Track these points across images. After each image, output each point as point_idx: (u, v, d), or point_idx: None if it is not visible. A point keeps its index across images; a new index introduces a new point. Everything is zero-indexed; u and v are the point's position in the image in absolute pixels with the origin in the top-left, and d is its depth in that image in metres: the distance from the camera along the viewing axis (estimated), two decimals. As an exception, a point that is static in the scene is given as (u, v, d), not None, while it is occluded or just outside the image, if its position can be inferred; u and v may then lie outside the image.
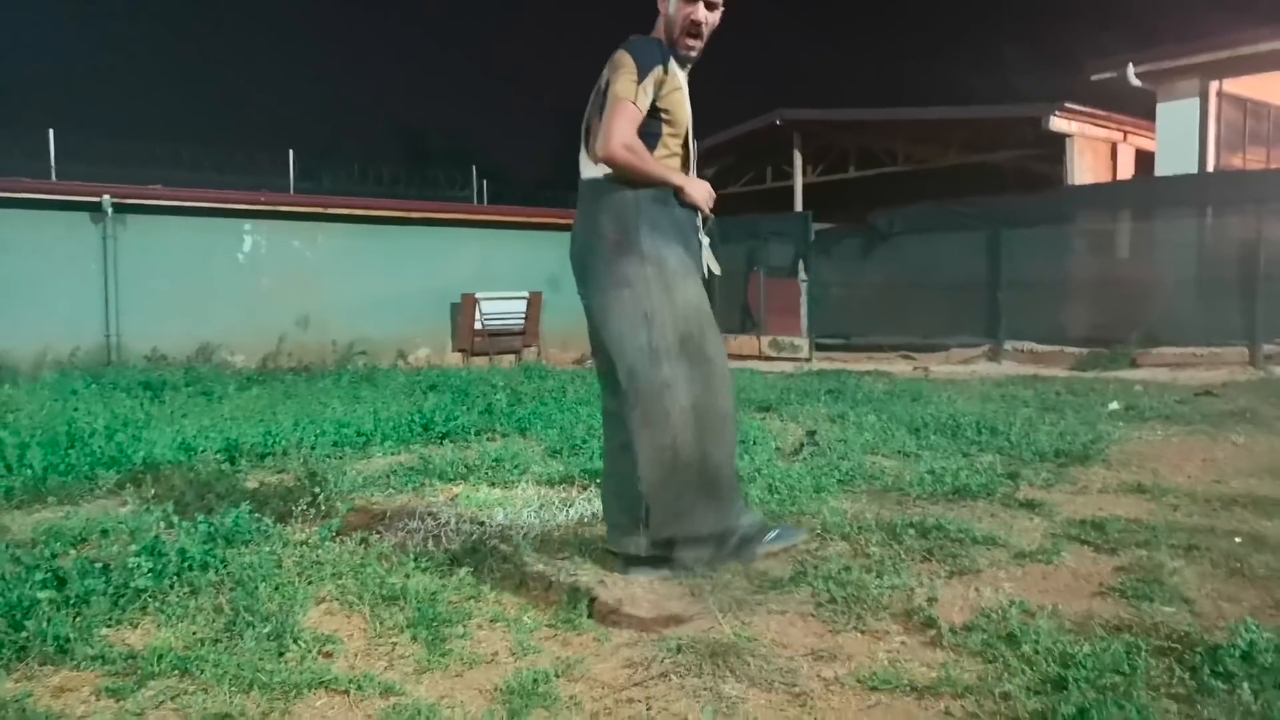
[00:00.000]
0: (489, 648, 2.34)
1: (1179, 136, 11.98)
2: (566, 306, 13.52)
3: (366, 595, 2.66)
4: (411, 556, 3.00)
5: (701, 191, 2.61)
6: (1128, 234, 10.71)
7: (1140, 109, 12.80)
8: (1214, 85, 11.99)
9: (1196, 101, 11.99)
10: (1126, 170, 13.81)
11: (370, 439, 5.39)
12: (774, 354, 12.72)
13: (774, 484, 3.99)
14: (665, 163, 2.59)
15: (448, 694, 2.07)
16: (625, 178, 2.51)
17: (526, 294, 13.55)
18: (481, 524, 3.51)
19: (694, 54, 2.64)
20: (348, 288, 12.37)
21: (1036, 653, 2.16)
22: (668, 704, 2.02)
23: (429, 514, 3.66)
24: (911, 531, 3.26)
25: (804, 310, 12.93)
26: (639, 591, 2.73)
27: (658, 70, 2.51)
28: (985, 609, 2.47)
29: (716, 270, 2.68)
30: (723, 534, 2.45)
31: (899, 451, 4.82)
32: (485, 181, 16.27)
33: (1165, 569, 2.79)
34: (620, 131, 2.45)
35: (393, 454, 5.09)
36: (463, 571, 2.82)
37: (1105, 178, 13.18)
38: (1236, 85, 12.10)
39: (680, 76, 2.62)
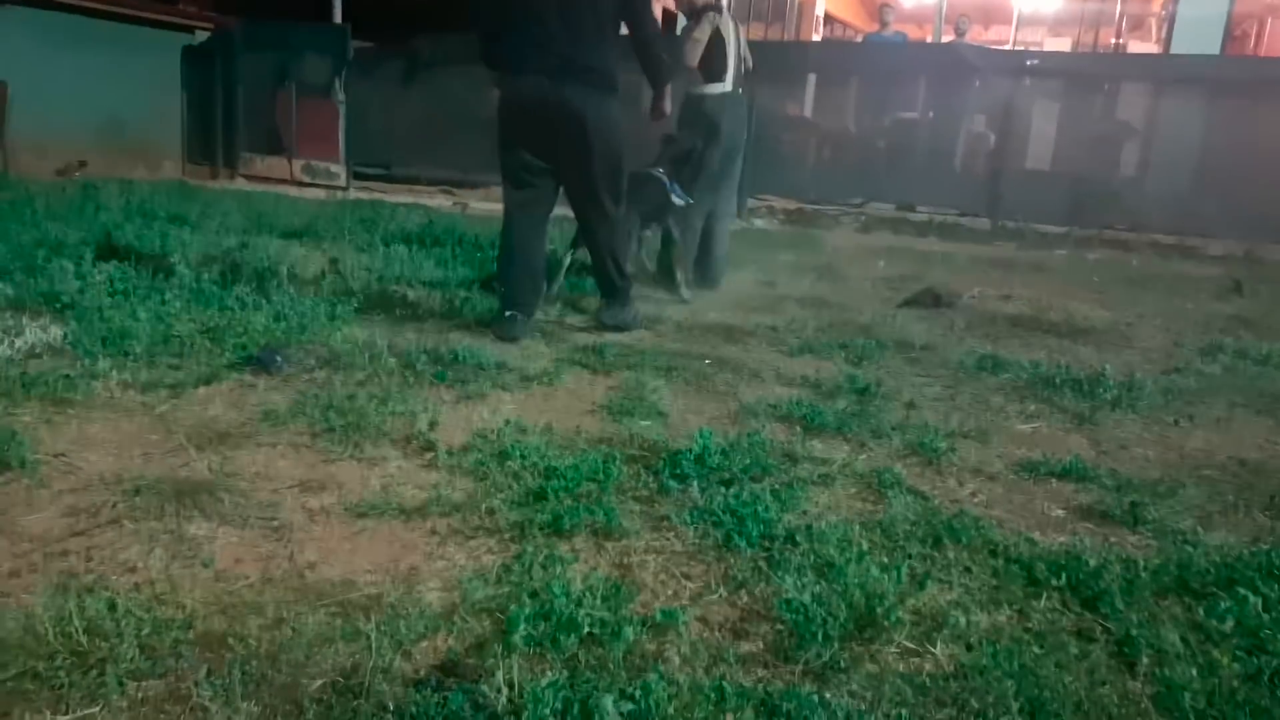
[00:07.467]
0: None
1: None
2: (45, 101, 11.11)
3: None
4: None
5: None
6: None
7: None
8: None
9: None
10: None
11: None
12: (308, 179, 11.77)
13: (283, 311, 3.68)
14: None
15: None
16: None
17: (-19, 83, 10.81)
18: (-121, 359, 2.74)
19: None
20: None
21: (524, 468, 2.24)
22: (115, 552, 1.74)
23: None
24: (424, 358, 3.21)
25: (341, 135, 12.06)
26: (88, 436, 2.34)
27: None
28: (483, 430, 2.50)
29: None
30: None
31: (424, 282, 4.73)
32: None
33: (647, 387, 3.08)
34: None
35: None
36: None
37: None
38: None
39: None
